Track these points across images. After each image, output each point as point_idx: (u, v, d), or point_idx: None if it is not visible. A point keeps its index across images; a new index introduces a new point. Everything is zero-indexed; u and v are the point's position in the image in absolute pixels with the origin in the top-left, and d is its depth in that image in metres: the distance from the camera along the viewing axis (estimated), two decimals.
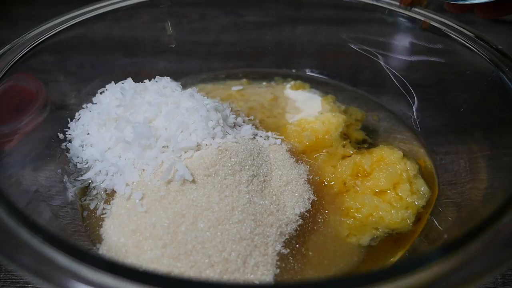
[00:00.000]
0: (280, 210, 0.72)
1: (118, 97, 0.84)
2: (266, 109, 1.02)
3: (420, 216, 0.75)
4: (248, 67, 1.17)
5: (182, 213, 0.66)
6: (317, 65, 1.16)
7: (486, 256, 0.46)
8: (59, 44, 0.90)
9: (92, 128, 0.83)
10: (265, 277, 0.62)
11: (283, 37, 1.19)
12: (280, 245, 0.67)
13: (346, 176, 0.80)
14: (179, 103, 0.84)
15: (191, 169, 0.72)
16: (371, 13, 1.05)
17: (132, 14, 1.06)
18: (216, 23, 1.19)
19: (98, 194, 0.76)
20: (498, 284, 0.69)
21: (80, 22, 0.94)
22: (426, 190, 0.79)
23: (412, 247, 0.70)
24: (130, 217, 0.67)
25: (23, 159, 0.76)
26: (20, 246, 0.46)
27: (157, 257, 0.61)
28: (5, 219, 0.49)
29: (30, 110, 0.82)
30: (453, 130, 0.89)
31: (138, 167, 0.75)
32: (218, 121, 0.82)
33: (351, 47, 1.10)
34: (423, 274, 0.43)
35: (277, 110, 1.02)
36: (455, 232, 0.69)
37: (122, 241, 0.64)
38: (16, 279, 0.69)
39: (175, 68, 1.15)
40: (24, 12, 1.58)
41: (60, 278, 0.42)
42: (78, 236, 0.70)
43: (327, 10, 1.14)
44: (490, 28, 1.50)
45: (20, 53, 0.80)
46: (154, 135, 0.77)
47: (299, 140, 0.89)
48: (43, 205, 0.71)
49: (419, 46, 1.02)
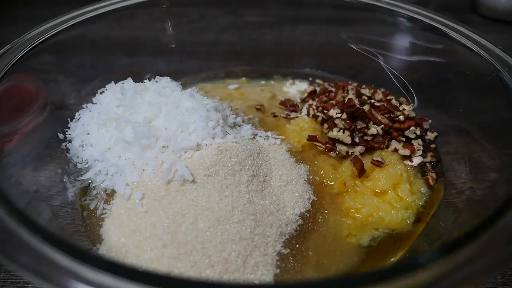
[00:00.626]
0: (280, 210, 0.72)
1: (118, 97, 0.84)
2: (265, 108, 1.02)
3: (420, 216, 0.75)
4: (248, 67, 1.17)
5: (182, 213, 0.66)
6: (317, 65, 1.16)
7: (486, 256, 0.46)
8: (59, 44, 0.90)
9: (92, 128, 0.83)
10: (265, 277, 0.62)
11: (283, 37, 1.19)
12: (280, 245, 0.67)
13: (346, 176, 0.80)
14: (179, 103, 0.84)
15: (191, 169, 0.72)
16: (371, 13, 1.05)
17: (132, 14, 1.06)
18: (216, 23, 1.19)
19: (98, 194, 0.76)
20: (498, 284, 0.69)
21: (80, 22, 0.94)
22: (426, 190, 0.79)
23: (412, 247, 0.70)
24: (130, 217, 0.67)
25: (23, 159, 0.76)
26: (20, 246, 0.46)
27: (157, 257, 0.61)
28: (5, 219, 0.50)
29: (30, 110, 0.82)
30: (453, 130, 0.89)
31: (138, 167, 0.75)
32: (218, 121, 0.82)
33: (351, 47, 1.10)
34: (423, 274, 0.43)
35: (276, 109, 1.02)
36: (455, 232, 0.69)
37: (122, 241, 0.64)
38: (16, 279, 0.69)
39: (175, 68, 1.15)
40: (24, 12, 1.58)
41: (60, 278, 0.42)
42: (78, 236, 0.70)
43: (327, 10, 1.14)
44: (490, 28, 1.50)
45: (20, 53, 0.80)
46: (154, 135, 0.77)
47: (298, 140, 0.89)
48: (43, 205, 0.71)
49: (419, 46, 1.02)
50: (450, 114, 0.91)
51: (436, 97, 0.97)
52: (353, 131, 0.85)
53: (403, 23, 1.00)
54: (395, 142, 0.86)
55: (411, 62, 1.03)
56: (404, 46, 1.04)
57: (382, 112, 0.88)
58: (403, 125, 0.87)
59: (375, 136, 0.86)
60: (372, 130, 0.85)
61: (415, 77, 1.02)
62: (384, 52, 1.06)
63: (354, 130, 0.86)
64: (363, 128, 0.86)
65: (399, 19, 1.01)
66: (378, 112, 0.88)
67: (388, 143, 0.86)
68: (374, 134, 0.85)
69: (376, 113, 0.87)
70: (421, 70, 1.02)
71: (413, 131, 0.87)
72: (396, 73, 1.03)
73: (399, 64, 1.04)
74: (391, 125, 0.87)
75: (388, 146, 0.85)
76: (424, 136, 0.89)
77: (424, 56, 1.02)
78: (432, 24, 0.94)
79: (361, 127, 0.86)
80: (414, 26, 0.99)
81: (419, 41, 1.01)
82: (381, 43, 1.06)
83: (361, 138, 0.85)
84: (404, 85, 1.02)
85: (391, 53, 1.05)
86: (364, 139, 0.85)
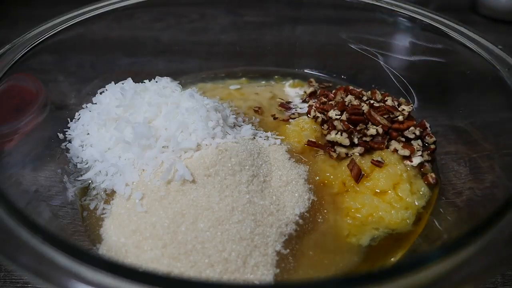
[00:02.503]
0: (280, 210, 0.72)
1: (118, 97, 0.84)
2: (263, 110, 1.02)
3: (420, 216, 0.75)
4: (248, 67, 1.17)
5: (182, 213, 0.66)
6: (317, 65, 1.16)
7: (486, 256, 0.46)
8: (59, 44, 0.90)
9: (92, 128, 0.83)
10: (265, 277, 0.62)
11: (283, 37, 1.19)
12: (280, 245, 0.67)
13: (346, 176, 0.80)
14: (179, 103, 0.84)
15: (191, 169, 0.72)
16: (371, 13, 1.05)
17: (132, 14, 1.06)
18: (216, 23, 1.19)
19: (98, 194, 0.76)
20: (498, 284, 0.69)
21: (80, 22, 0.94)
22: (426, 190, 0.79)
23: (412, 247, 0.70)
24: (130, 217, 0.67)
25: (23, 159, 0.76)
26: (20, 246, 0.46)
27: (157, 257, 0.61)
28: (5, 219, 0.49)
29: (30, 110, 0.82)
30: (453, 130, 0.89)
31: (138, 167, 0.75)
32: (218, 121, 0.82)
33: (351, 47, 1.10)
34: (423, 274, 0.43)
35: (276, 110, 1.02)
36: (455, 232, 0.69)
37: (122, 241, 0.64)
38: (16, 279, 0.69)
39: (175, 68, 1.15)
40: (24, 12, 1.58)
41: (60, 278, 0.42)
42: (78, 236, 0.70)
43: (327, 10, 1.14)
44: (490, 28, 1.50)
45: (20, 53, 0.80)
46: (154, 135, 0.77)
47: (298, 140, 0.89)
48: (43, 205, 0.71)
49: (419, 46, 1.02)
50: (450, 114, 0.91)
51: (436, 97, 0.97)
52: (352, 133, 0.85)
53: (403, 23, 1.00)
54: (394, 142, 0.86)
55: (411, 62, 1.03)
56: (404, 46, 1.04)
57: (381, 113, 0.88)
58: (402, 125, 0.87)
59: (375, 136, 0.86)
60: (371, 131, 0.85)
61: (415, 77, 1.02)
62: (384, 52, 1.06)
63: (352, 131, 0.86)
64: (362, 129, 0.86)
65: (399, 19, 1.01)
66: (377, 113, 0.88)
67: (387, 144, 0.86)
68: (374, 135, 0.85)
69: (375, 114, 0.87)
70: (421, 70, 1.02)
71: (412, 131, 0.87)
72: (396, 73, 1.03)
73: (399, 64, 1.04)
74: (390, 125, 0.87)
75: (388, 146, 0.85)
76: (424, 138, 0.89)
77: (424, 56, 1.02)
78: (432, 24, 0.94)
79: (360, 128, 0.86)
80: (414, 26, 0.99)
81: (419, 41, 1.01)
82: (381, 43, 1.06)
83: (360, 139, 0.85)
84: (404, 85, 1.02)
85: (391, 53, 1.05)
86: (363, 139, 0.85)
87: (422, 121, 0.90)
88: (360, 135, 0.86)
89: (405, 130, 0.87)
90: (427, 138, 0.88)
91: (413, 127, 0.87)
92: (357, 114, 0.88)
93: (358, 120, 0.88)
